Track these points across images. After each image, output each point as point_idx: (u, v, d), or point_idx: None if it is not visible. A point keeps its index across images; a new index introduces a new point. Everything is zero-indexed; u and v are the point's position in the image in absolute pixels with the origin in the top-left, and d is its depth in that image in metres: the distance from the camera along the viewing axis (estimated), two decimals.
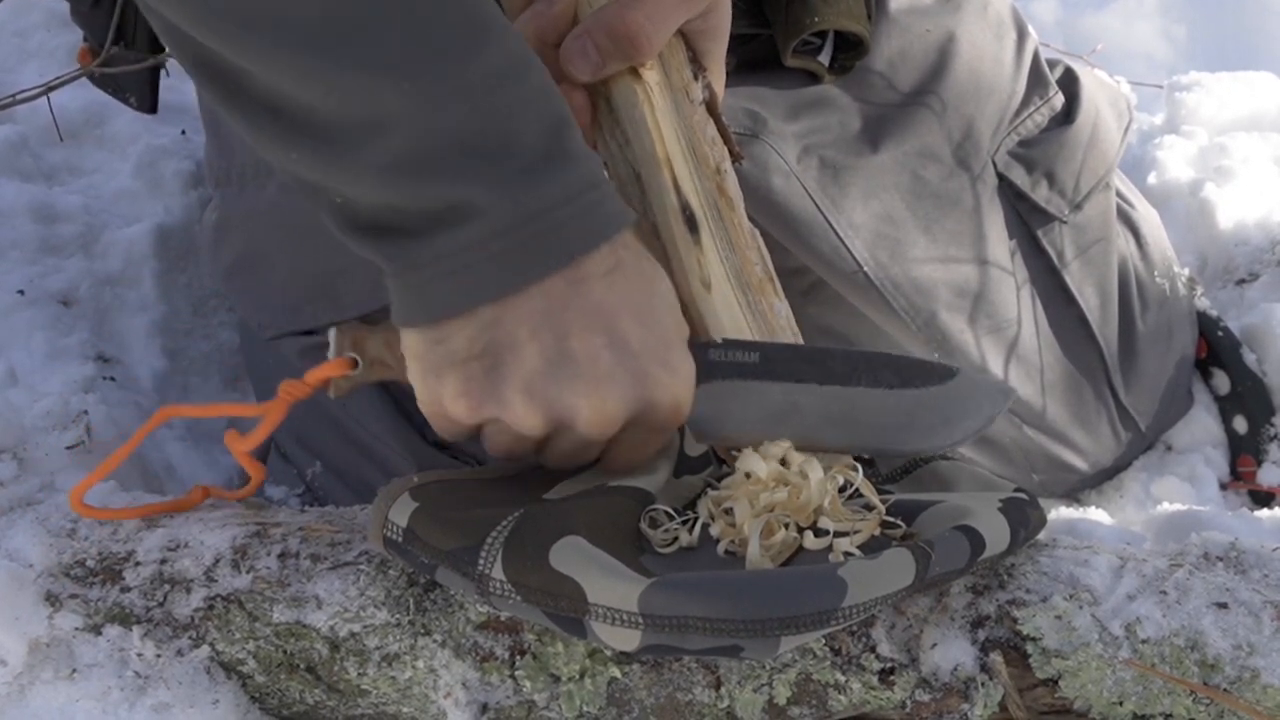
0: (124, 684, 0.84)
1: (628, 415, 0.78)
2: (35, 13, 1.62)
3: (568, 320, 0.74)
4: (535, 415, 0.77)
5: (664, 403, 0.78)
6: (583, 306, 0.75)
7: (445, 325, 0.75)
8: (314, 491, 1.12)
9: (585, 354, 0.75)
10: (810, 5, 1.08)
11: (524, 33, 0.83)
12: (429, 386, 0.78)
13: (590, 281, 0.75)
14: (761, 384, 0.82)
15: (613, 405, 0.77)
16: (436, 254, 0.72)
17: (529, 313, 0.74)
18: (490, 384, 0.76)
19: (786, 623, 0.71)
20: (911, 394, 0.83)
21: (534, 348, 0.75)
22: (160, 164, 1.44)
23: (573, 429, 0.78)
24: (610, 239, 0.75)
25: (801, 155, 1.12)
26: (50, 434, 1.05)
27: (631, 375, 0.76)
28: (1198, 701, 0.77)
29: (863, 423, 0.83)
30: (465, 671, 0.82)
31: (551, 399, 0.76)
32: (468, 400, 0.77)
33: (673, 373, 0.78)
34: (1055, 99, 1.22)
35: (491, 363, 0.75)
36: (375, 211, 0.73)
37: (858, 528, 0.80)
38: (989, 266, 1.16)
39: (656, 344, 0.77)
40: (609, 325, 0.75)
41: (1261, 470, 1.27)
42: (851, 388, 0.83)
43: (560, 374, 0.75)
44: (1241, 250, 1.44)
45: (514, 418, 0.77)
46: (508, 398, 0.76)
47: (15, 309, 1.22)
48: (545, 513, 0.79)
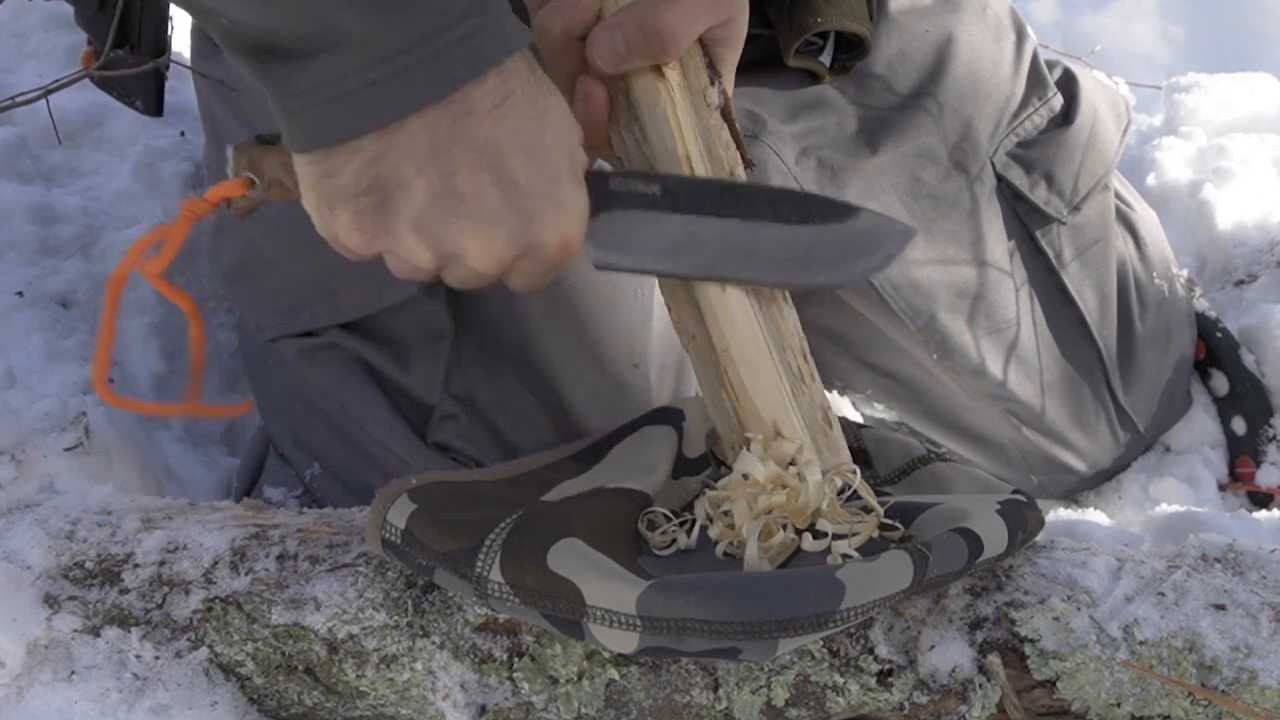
0: (122, 685, 0.84)
1: (515, 251, 0.77)
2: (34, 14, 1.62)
3: (454, 156, 0.74)
4: (424, 251, 0.76)
5: (551, 239, 0.77)
6: (469, 142, 0.73)
7: (332, 157, 0.74)
8: (312, 493, 1.12)
9: (471, 192, 0.74)
10: (813, 6, 1.08)
11: (549, 24, 0.83)
12: (323, 217, 0.78)
13: (477, 115, 0.73)
14: (662, 214, 0.81)
15: (499, 243, 0.76)
16: (315, 80, 0.71)
17: (414, 148, 0.73)
18: (380, 219, 0.75)
19: (784, 625, 0.71)
20: (811, 229, 0.83)
21: (420, 184, 0.74)
22: (159, 165, 1.44)
23: (463, 263, 0.77)
24: (498, 66, 0.73)
25: (799, 156, 1.12)
26: (49, 435, 1.05)
27: (518, 213, 0.76)
28: (1195, 703, 0.77)
29: (761, 256, 0.83)
30: (463, 673, 0.82)
31: (439, 236, 0.76)
32: (359, 234, 0.77)
33: (561, 209, 0.77)
34: (1054, 100, 1.22)
35: (381, 198, 0.75)
36: (257, 34, 0.71)
37: (856, 530, 0.80)
38: (988, 267, 1.16)
39: (545, 179, 0.76)
40: (495, 162, 0.74)
41: (1260, 471, 1.27)
42: (751, 221, 0.82)
43: (447, 212, 0.75)
44: (1240, 251, 1.44)
45: (405, 252, 0.77)
46: (397, 233, 0.76)
47: (14, 310, 1.22)
48: (543, 515, 0.79)
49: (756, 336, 0.84)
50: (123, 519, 0.91)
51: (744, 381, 0.83)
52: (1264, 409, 1.30)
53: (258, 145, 0.82)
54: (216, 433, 1.27)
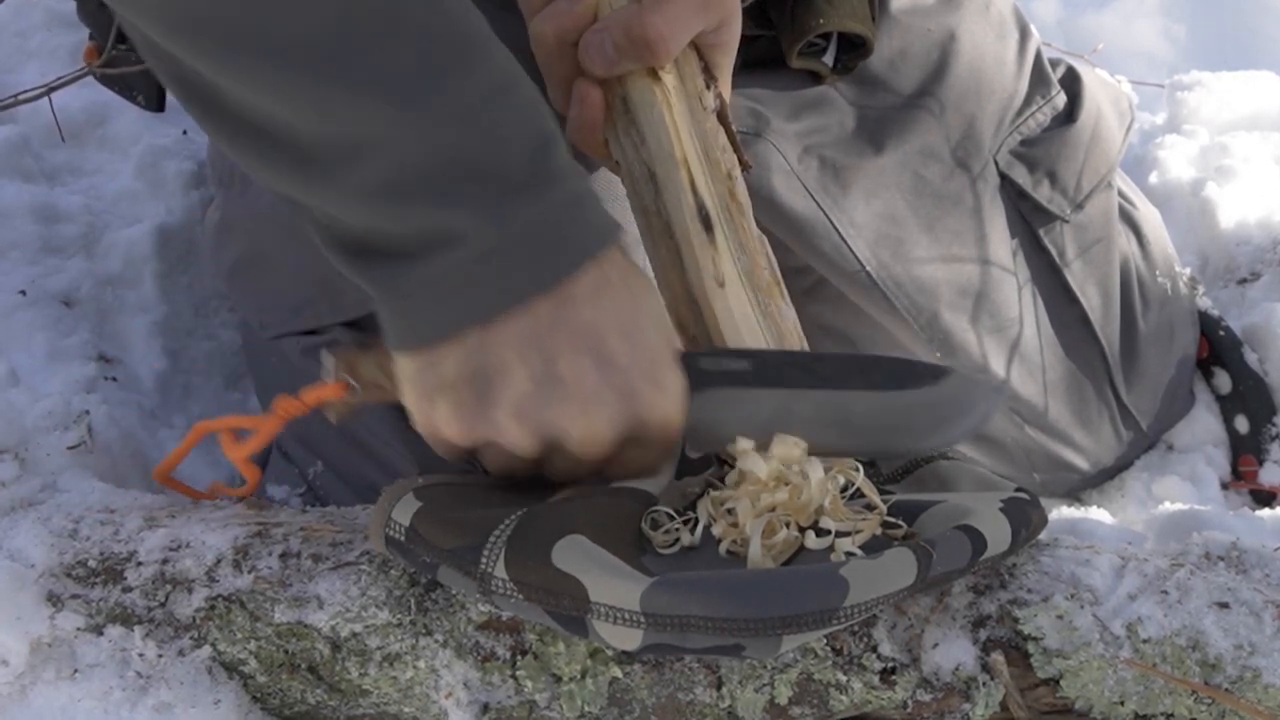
0: (125, 684, 0.84)
1: (618, 434, 0.77)
2: (36, 13, 1.62)
3: (555, 342, 0.74)
4: (526, 437, 0.77)
5: (654, 420, 0.78)
6: (569, 327, 0.74)
7: (435, 350, 0.75)
8: (315, 491, 1.12)
9: (573, 375, 0.75)
10: (815, 7, 1.08)
11: (544, 30, 0.83)
12: (423, 410, 0.78)
13: (576, 302, 0.74)
14: (754, 391, 0.82)
15: (602, 426, 0.76)
16: (422, 279, 0.72)
17: (516, 335, 0.74)
18: (481, 408, 0.76)
19: (788, 622, 0.71)
20: (905, 395, 0.83)
21: (522, 371, 0.74)
22: (162, 164, 1.44)
23: (565, 448, 0.78)
24: (595, 256, 0.75)
25: (802, 155, 1.12)
26: (51, 434, 1.05)
27: (619, 395, 0.76)
28: (1199, 701, 0.77)
29: (857, 426, 0.83)
30: (466, 671, 0.82)
31: (541, 421, 0.76)
32: (460, 424, 0.77)
33: (661, 389, 0.78)
34: (1057, 98, 1.22)
35: (482, 387, 0.75)
36: (360, 233, 0.72)
37: (859, 527, 0.80)
38: (991, 266, 1.16)
39: (644, 361, 0.77)
40: (596, 345, 0.75)
41: (1263, 470, 1.27)
42: (844, 391, 0.82)
43: (548, 396, 0.75)
44: (1243, 250, 1.44)
45: (506, 440, 0.77)
46: (498, 421, 0.76)
47: (16, 309, 1.21)
48: (547, 512, 0.79)
49: (756, 336, 0.84)
50: (125, 517, 0.91)
51: None
52: (1267, 407, 1.30)
53: (355, 349, 0.84)
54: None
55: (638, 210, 0.88)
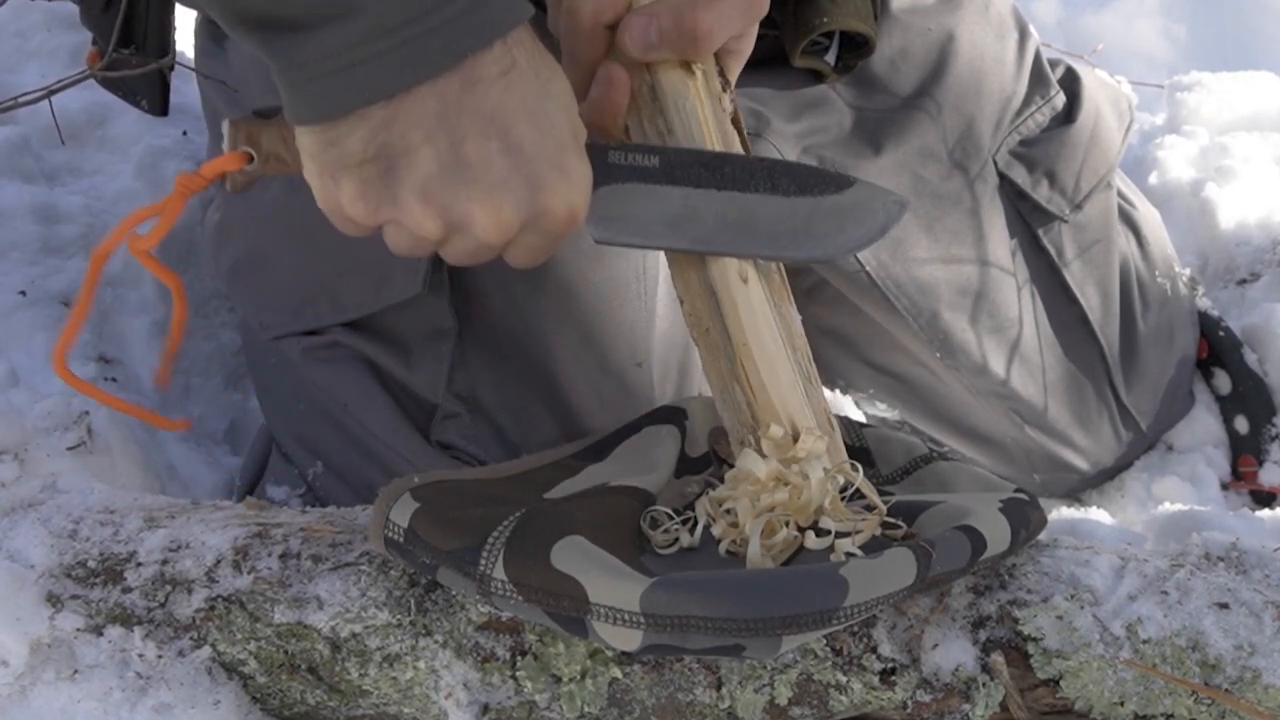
0: (125, 684, 0.84)
1: (522, 220, 0.77)
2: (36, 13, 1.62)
3: (462, 124, 0.73)
4: (431, 219, 0.76)
5: (558, 208, 0.77)
6: (477, 110, 0.73)
7: (337, 126, 0.74)
8: (315, 492, 1.12)
9: (479, 159, 0.74)
10: (818, 5, 1.08)
11: (580, 7, 0.83)
12: (326, 188, 0.77)
13: (484, 83, 0.73)
14: (661, 187, 0.81)
15: (507, 211, 0.76)
16: (322, 51, 0.71)
17: (422, 115, 0.73)
18: (385, 187, 0.75)
19: (789, 622, 0.71)
20: (808, 201, 0.83)
21: (428, 152, 0.74)
22: (162, 165, 1.44)
23: (469, 232, 0.77)
24: (504, 35, 0.74)
25: (801, 156, 1.13)
26: (51, 435, 1.05)
27: (525, 181, 0.75)
28: (1199, 702, 0.77)
29: (760, 229, 0.83)
30: (466, 672, 0.82)
31: (447, 204, 0.75)
32: (364, 203, 0.76)
33: (567, 178, 0.77)
34: (1056, 98, 1.22)
35: (386, 166, 0.74)
36: (261, 6, 0.71)
37: (859, 528, 0.80)
38: (990, 266, 1.16)
39: (551, 148, 0.76)
40: (503, 129, 0.74)
41: (1263, 470, 1.27)
42: (749, 193, 0.82)
43: (455, 179, 0.74)
44: (1242, 250, 1.44)
45: (410, 221, 0.76)
46: (403, 202, 0.75)
47: (17, 310, 1.22)
48: (546, 513, 0.79)
49: (774, 332, 0.85)
50: (125, 518, 0.91)
51: (762, 376, 0.83)
52: (1266, 408, 1.30)
53: (255, 119, 0.82)
54: (219, 432, 1.27)
55: None
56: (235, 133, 0.82)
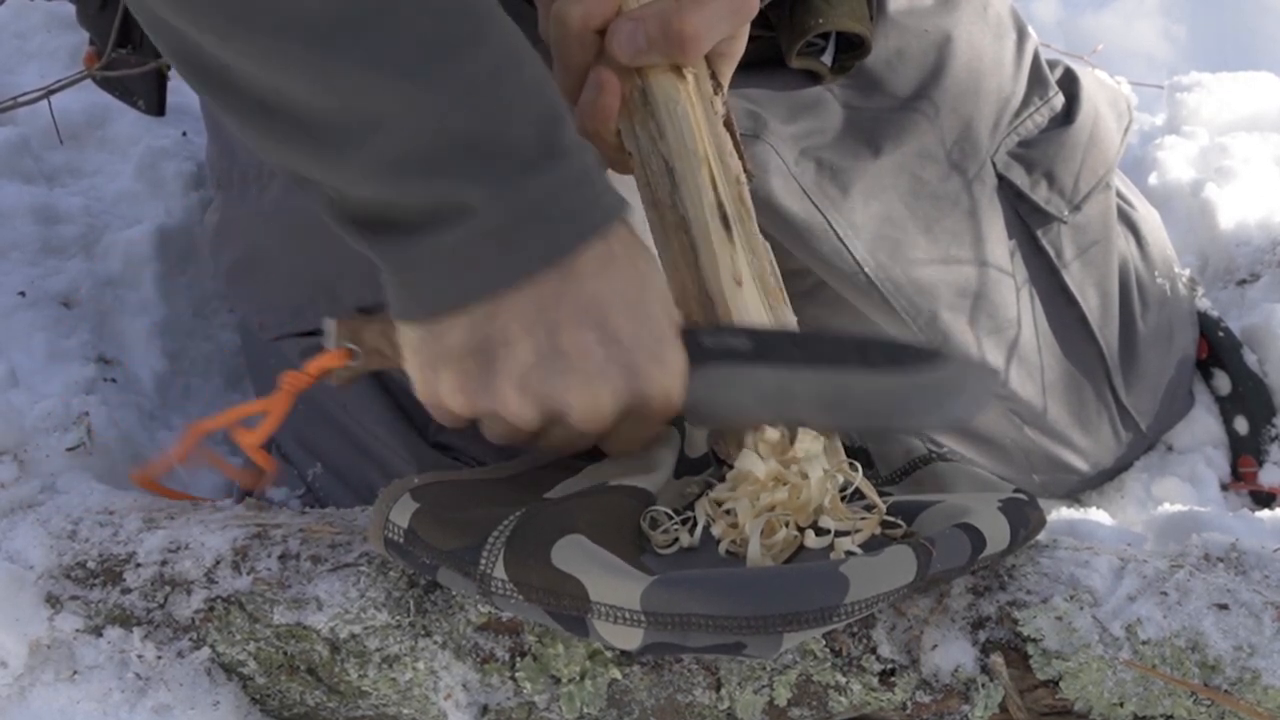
0: (124, 685, 0.84)
1: (619, 408, 0.78)
2: (36, 14, 1.62)
3: (560, 315, 0.75)
4: (529, 409, 0.77)
5: (655, 395, 0.78)
6: (574, 301, 0.75)
7: (440, 320, 0.75)
8: (315, 493, 1.12)
9: (577, 349, 0.75)
10: (814, 6, 1.08)
11: (568, 13, 0.83)
12: (426, 380, 0.79)
13: (582, 276, 0.75)
14: (754, 368, 0.82)
15: (604, 399, 0.77)
16: (431, 252, 0.73)
17: (522, 308, 0.74)
18: (485, 379, 0.76)
19: (789, 619, 0.71)
20: (901, 376, 0.83)
21: (527, 343, 0.75)
22: (161, 165, 1.44)
23: (565, 422, 0.78)
24: (602, 232, 0.75)
25: (799, 158, 1.13)
26: (51, 435, 1.05)
27: (622, 369, 0.77)
28: (1198, 703, 0.77)
29: (853, 406, 0.83)
30: (465, 673, 0.82)
31: (544, 394, 0.77)
32: (464, 395, 0.78)
33: (663, 365, 0.78)
34: (1055, 99, 1.22)
35: (486, 358, 0.76)
36: (370, 207, 0.73)
37: (859, 527, 0.80)
38: (989, 267, 1.16)
39: (647, 337, 0.77)
40: (600, 320, 0.75)
41: (1262, 471, 1.27)
42: (842, 371, 0.83)
43: (552, 369, 0.76)
44: (1242, 250, 1.44)
45: (508, 411, 0.78)
46: (502, 392, 0.77)
47: (16, 310, 1.21)
48: (546, 512, 0.79)
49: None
50: (125, 519, 0.91)
51: None
52: (1266, 408, 1.30)
53: (358, 316, 0.84)
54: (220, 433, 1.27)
55: (649, 203, 0.88)
56: (339, 330, 0.84)
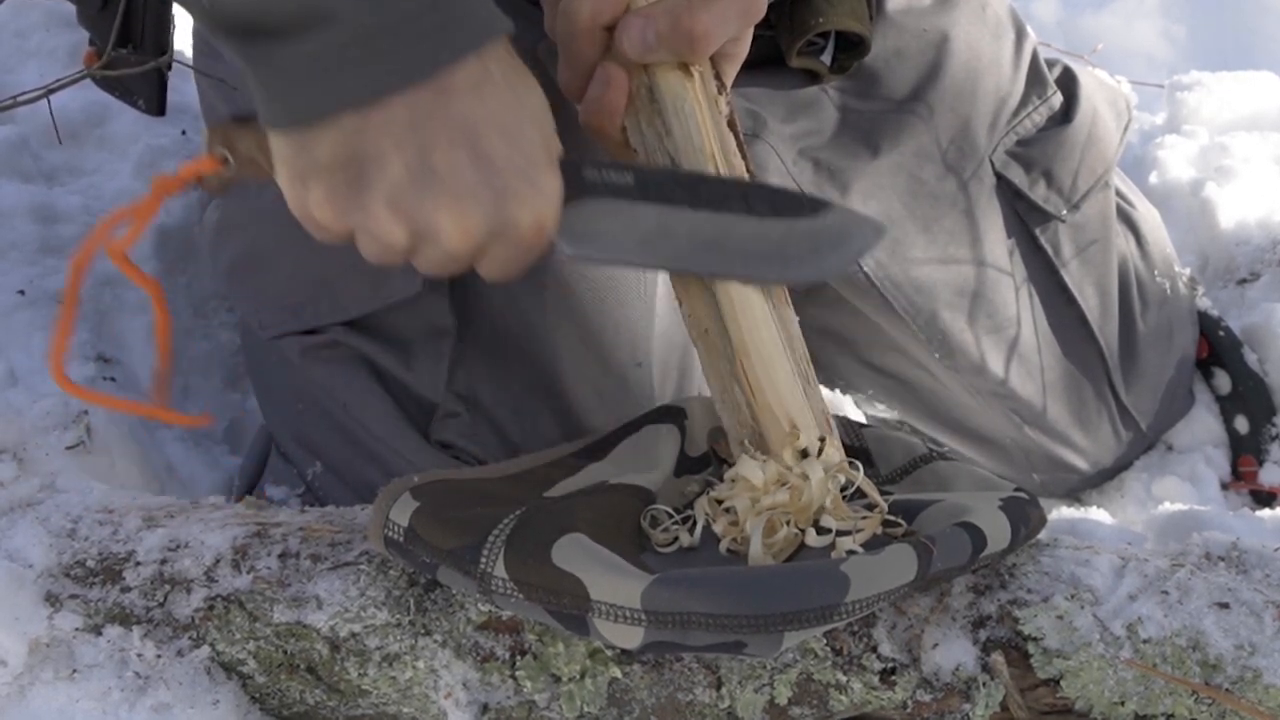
0: (124, 684, 0.84)
1: (489, 230, 0.77)
2: (35, 13, 1.62)
3: (432, 133, 0.74)
4: (398, 227, 0.76)
5: (526, 220, 0.77)
6: (447, 120, 0.74)
7: (309, 132, 0.74)
8: (314, 492, 1.12)
9: (448, 168, 0.74)
10: (814, 6, 1.08)
11: (578, 8, 0.83)
12: (296, 192, 0.78)
13: (456, 94, 0.74)
14: (635, 205, 0.81)
15: (474, 220, 0.76)
16: (298, 57, 0.72)
17: (392, 124, 0.73)
18: (354, 194, 0.76)
19: (790, 618, 0.71)
20: (782, 223, 0.82)
21: (397, 160, 0.74)
22: (160, 164, 1.44)
23: (436, 241, 0.77)
24: (478, 50, 0.74)
25: (797, 158, 1.13)
26: (50, 434, 1.05)
27: (493, 191, 0.76)
28: (1199, 702, 0.77)
29: (733, 249, 0.82)
30: (466, 672, 0.82)
31: (413, 212, 0.76)
32: (332, 208, 0.77)
33: (536, 190, 0.77)
34: (1053, 98, 1.22)
35: (356, 173, 0.75)
36: (239, 11, 0.72)
37: (859, 526, 0.80)
38: (987, 266, 1.16)
39: (521, 160, 0.76)
40: (473, 140, 0.74)
41: (1263, 470, 1.27)
42: (723, 214, 0.82)
43: (422, 188, 0.75)
44: (1242, 250, 1.44)
45: (377, 228, 0.77)
46: (371, 208, 0.76)
47: (15, 309, 1.21)
48: (546, 510, 0.79)
49: (773, 333, 0.85)
50: (124, 517, 0.91)
51: (761, 377, 0.83)
52: (1266, 408, 1.30)
53: (233, 124, 0.82)
54: (218, 431, 1.27)
55: None
56: (213, 137, 0.83)
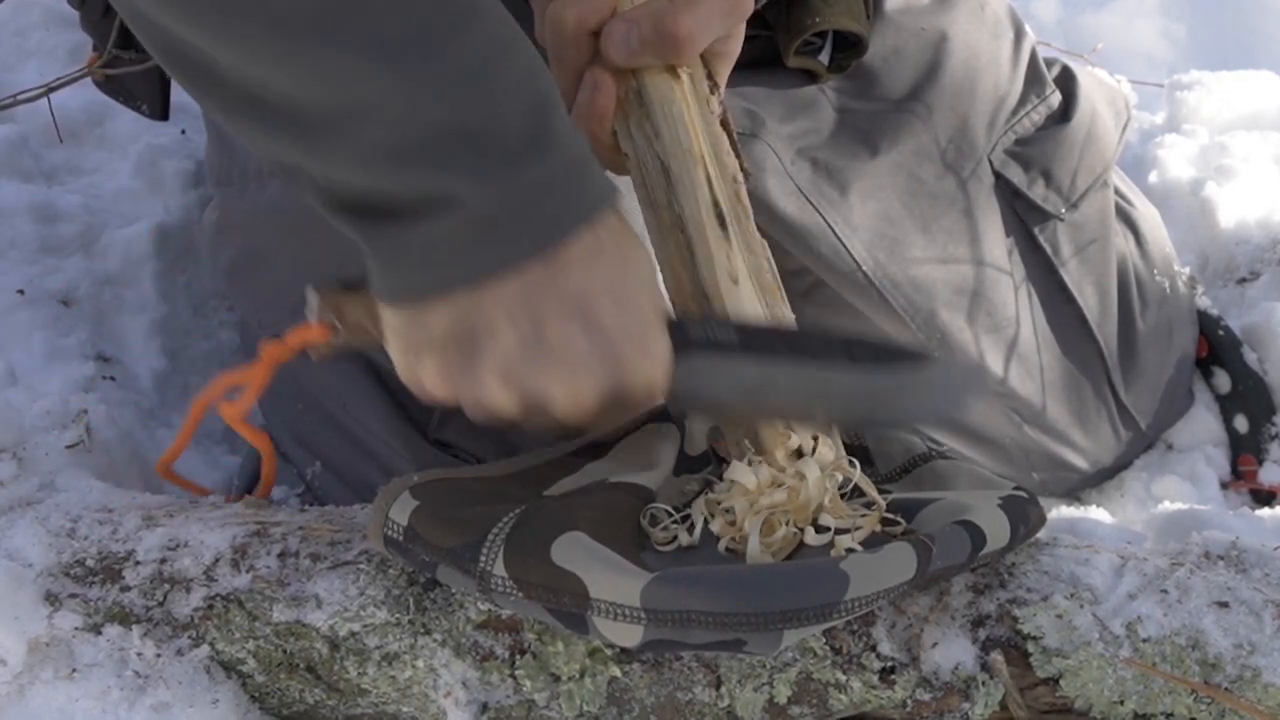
0: (124, 683, 0.84)
1: (601, 398, 0.78)
2: (34, 12, 1.62)
3: (544, 305, 0.74)
4: (510, 398, 0.77)
5: (638, 384, 0.78)
6: (559, 292, 0.74)
7: (424, 306, 0.75)
8: (314, 491, 1.12)
9: (560, 340, 0.75)
10: (811, 5, 1.08)
11: (563, 15, 0.83)
12: (407, 363, 0.79)
13: (568, 266, 0.74)
14: (737, 360, 0.82)
15: (586, 390, 0.77)
16: (418, 241, 0.72)
17: (506, 297, 0.74)
18: (466, 366, 0.76)
19: (789, 616, 0.71)
20: (886, 375, 0.83)
21: (510, 333, 0.75)
22: (160, 163, 1.44)
23: (548, 410, 0.78)
24: (590, 222, 0.75)
25: (795, 158, 1.13)
26: (50, 434, 1.05)
27: (605, 360, 0.76)
28: (1198, 701, 0.77)
29: (835, 401, 0.83)
30: (465, 671, 0.82)
31: (526, 384, 0.76)
32: (445, 380, 0.78)
33: (647, 355, 0.78)
34: (1052, 97, 1.22)
35: (469, 346, 0.75)
36: (358, 196, 0.73)
37: (858, 524, 0.80)
38: (986, 265, 1.16)
39: (632, 326, 0.77)
40: (584, 310, 0.75)
41: (1262, 469, 1.27)
42: (825, 366, 0.83)
43: (534, 360, 0.75)
44: (1242, 249, 1.44)
45: (489, 399, 0.77)
46: (484, 381, 0.77)
47: (15, 309, 1.21)
48: (546, 509, 0.79)
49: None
50: (124, 517, 0.91)
51: None
52: (1266, 407, 1.30)
53: (340, 291, 0.83)
54: (218, 431, 1.27)
55: (645, 204, 0.88)
56: (322, 304, 0.83)
